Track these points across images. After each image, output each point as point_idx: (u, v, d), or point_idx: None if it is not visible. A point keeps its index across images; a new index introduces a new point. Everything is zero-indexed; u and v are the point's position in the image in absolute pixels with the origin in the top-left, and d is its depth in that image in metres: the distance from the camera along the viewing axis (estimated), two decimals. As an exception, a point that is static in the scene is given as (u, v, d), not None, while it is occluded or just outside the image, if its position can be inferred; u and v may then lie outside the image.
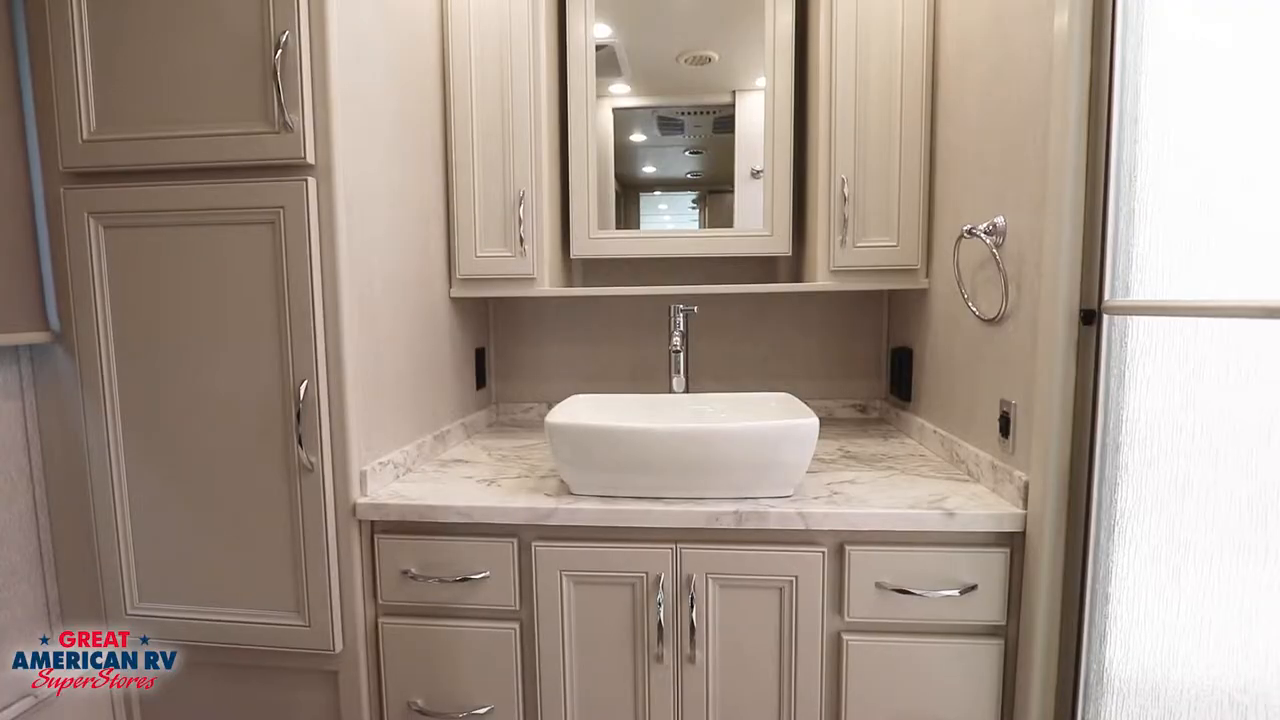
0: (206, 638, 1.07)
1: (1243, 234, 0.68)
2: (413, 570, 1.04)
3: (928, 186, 1.30)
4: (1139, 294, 0.80)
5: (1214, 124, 0.71)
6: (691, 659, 1.01)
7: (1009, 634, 0.97)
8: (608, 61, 1.52)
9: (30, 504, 1.09)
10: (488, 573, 1.03)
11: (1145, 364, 0.79)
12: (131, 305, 1.03)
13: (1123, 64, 0.81)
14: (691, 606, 1.00)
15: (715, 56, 1.51)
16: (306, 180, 0.96)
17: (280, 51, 0.94)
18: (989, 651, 0.97)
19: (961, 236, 1.07)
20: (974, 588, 0.95)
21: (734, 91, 1.52)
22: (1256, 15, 0.66)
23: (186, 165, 0.99)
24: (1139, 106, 0.79)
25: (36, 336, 1.05)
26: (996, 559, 0.95)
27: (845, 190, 1.31)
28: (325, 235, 0.98)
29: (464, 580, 1.03)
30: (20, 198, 1.04)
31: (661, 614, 1.00)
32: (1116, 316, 0.83)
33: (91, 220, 1.02)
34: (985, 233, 1.02)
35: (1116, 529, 0.84)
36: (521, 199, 1.35)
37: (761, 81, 1.49)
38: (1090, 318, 0.85)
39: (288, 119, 0.95)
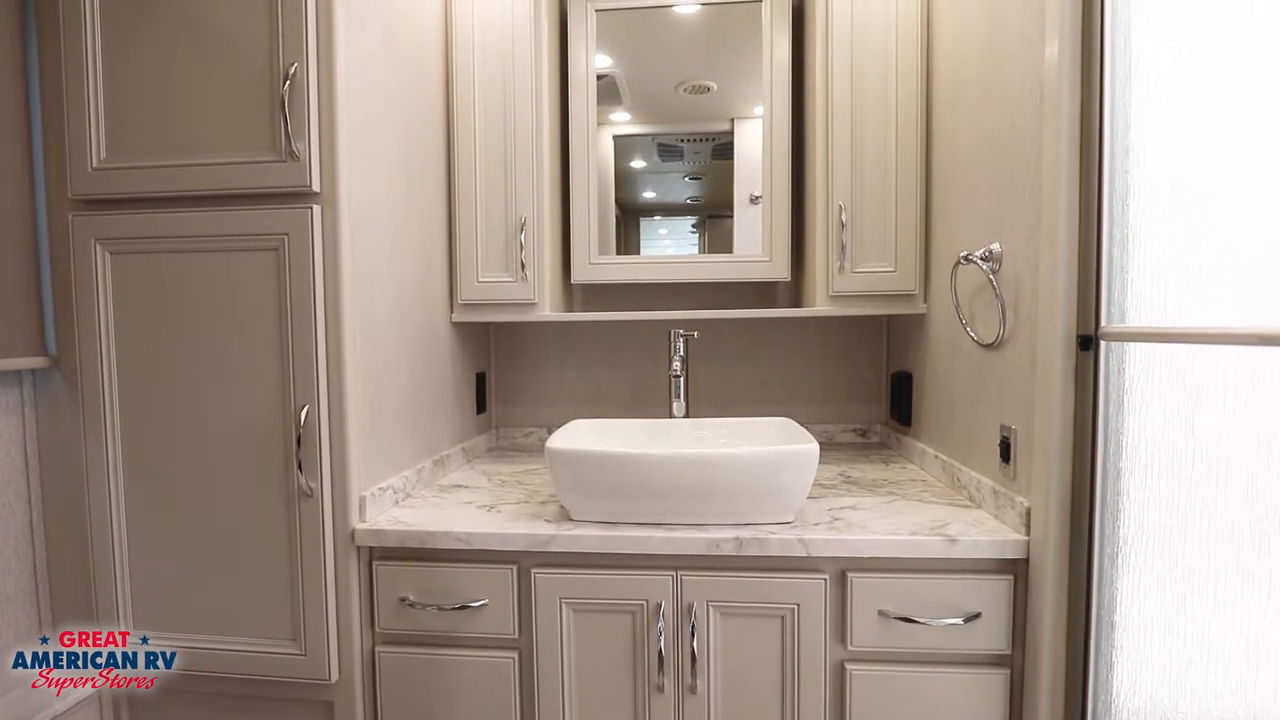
0: (200, 666, 1.05)
1: (1235, 261, 0.68)
2: (411, 598, 1.03)
3: (924, 213, 1.32)
4: (1135, 320, 0.81)
5: (1204, 153, 0.72)
6: (693, 689, 1.00)
7: (1014, 663, 0.95)
8: (608, 90, 1.55)
9: (27, 529, 1.08)
10: (486, 600, 1.02)
11: (1143, 389, 0.80)
12: (134, 330, 1.04)
13: (1112, 94, 0.83)
14: (692, 635, 0.99)
15: (714, 86, 1.55)
16: (311, 208, 0.98)
17: (288, 83, 0.96)
18: (995, 682, 0.95)
19: (959, 262, 1.08)
20: (978, 616, 0.94)
21: (732, 119, 1.55)
22: (1242, 46, 0.68)
23: (194, 193, 1.01)
24: (1129, 136, 0.81)
25: (34, 361, 1.05)
26: (1000, 586, 0.94)
27: (843, 216, 1.32)
28: (329, 261, 0.99)
29: (463, 608, 1.02)
30: (25, 225, 1.05)
31: (662, 642, 0.99)
32: (1114, 342, 0.83)
33: (98, 246, 1.03)
34: (981, 259, 1.03)
35: (1120, 556, 0.84)
36: (523, 225, 1.37)
37: (759, 110, 1.52)
38: (1087, 343, 0.85)
39: (294, 148, 0.97)
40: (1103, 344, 0.84)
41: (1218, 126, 0.70)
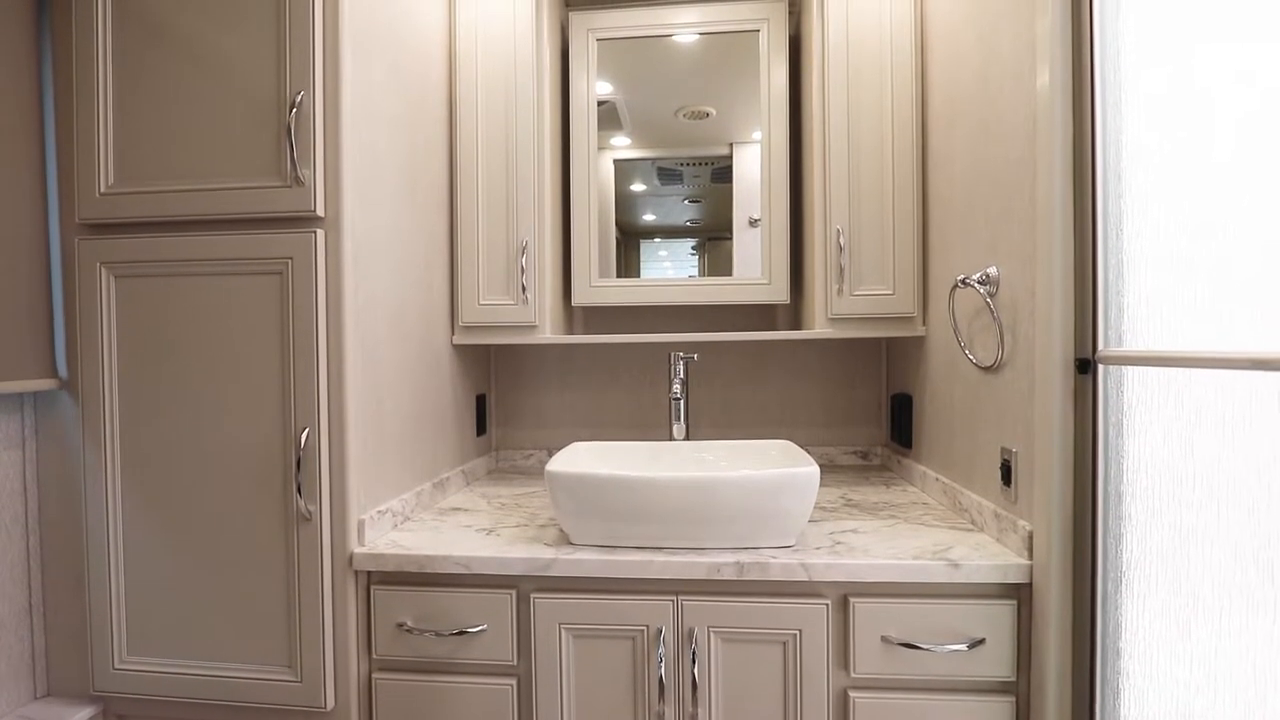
0: (194, 693, 1.04)
1: (1230, 285, 0.69)
2: (408, 623, 1.02)
3: (922, 236, 1.33)
4: (1131, 344, 0.81)
5: (1197, 177, 0.73)
6: (694, 717, 0.98)
7: (1020, 690, 0.94)
8: (609, 116, 1.58)
9: (23, 553, 1.07)
10: (485, 626, 1.01)
11: (1142, 413, 0.80)
12: (137, 353, 1.05)
13: (1103, 121, 0.84)
14: (693, 661, 0.97)
15: (713, 111, 1.57)
16: (315, 232, 0.99)
17: (295, 110, 0.98)
18: (1000, 710, 0.94)
19: (956, 286, 1.08)
20: (982, 642, 0.93)
21: (731, 144, 1.57)
22: (1231, 71, 0.69)
23: (199, 217, 1.02)
24: (1122, 163, 0.82)
25: (44, 383, 1.05)
26: (1004, 612, 0.93)
27: (841, 240, 1.34)
28: (332, 285, 1.00)
29: (461, 633, 1.01)
30: (38, 249, 1.07)
31: (663, 669, 0.98)
32: (1111, 366, 0.83)
33: (103, 270, 1.04)
34: (979, 282, 1.04)
35: (1124, 581, 0.83)
36: (524, 248, 1.38)
37: (758, 135, 1.54)
38: (1085, 366, 0.85)
39: (299, 174, 0.98)
40: (1100, 367, 0.84)
41: (1209, 150, 0.71)
